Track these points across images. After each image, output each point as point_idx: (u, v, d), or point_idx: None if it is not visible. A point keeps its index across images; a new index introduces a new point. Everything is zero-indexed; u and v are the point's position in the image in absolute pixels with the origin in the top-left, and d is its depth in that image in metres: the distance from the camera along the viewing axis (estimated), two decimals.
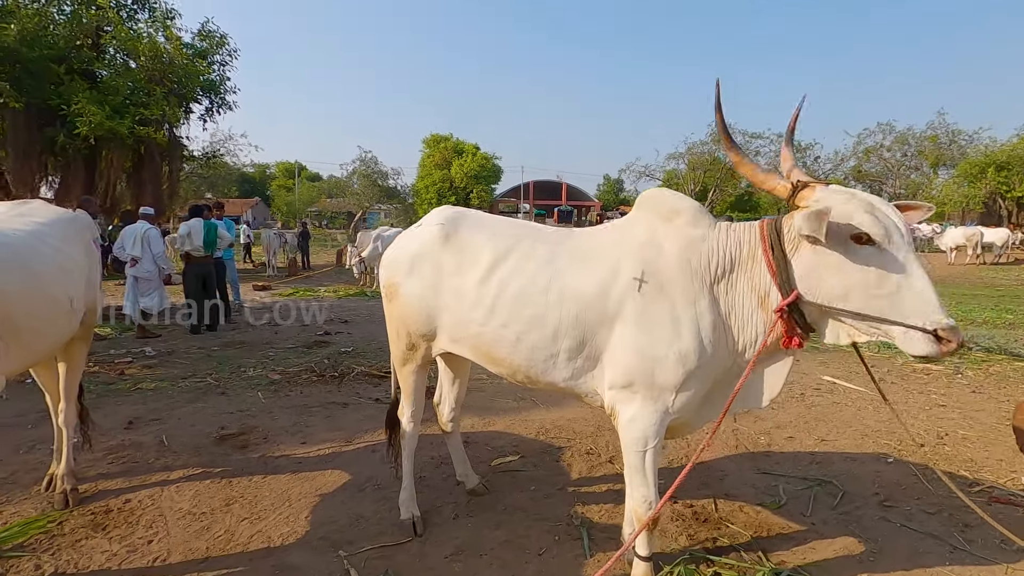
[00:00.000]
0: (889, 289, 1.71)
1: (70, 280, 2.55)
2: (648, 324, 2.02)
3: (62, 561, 2.53)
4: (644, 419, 2.06)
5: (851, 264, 1.76)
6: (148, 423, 4.20)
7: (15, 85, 11.12)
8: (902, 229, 1.73)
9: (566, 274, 2.18)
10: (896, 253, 1.71)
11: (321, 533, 2.77)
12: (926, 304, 1.66)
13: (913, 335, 1.68)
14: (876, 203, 1.78)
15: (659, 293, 2.02)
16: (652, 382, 2.03)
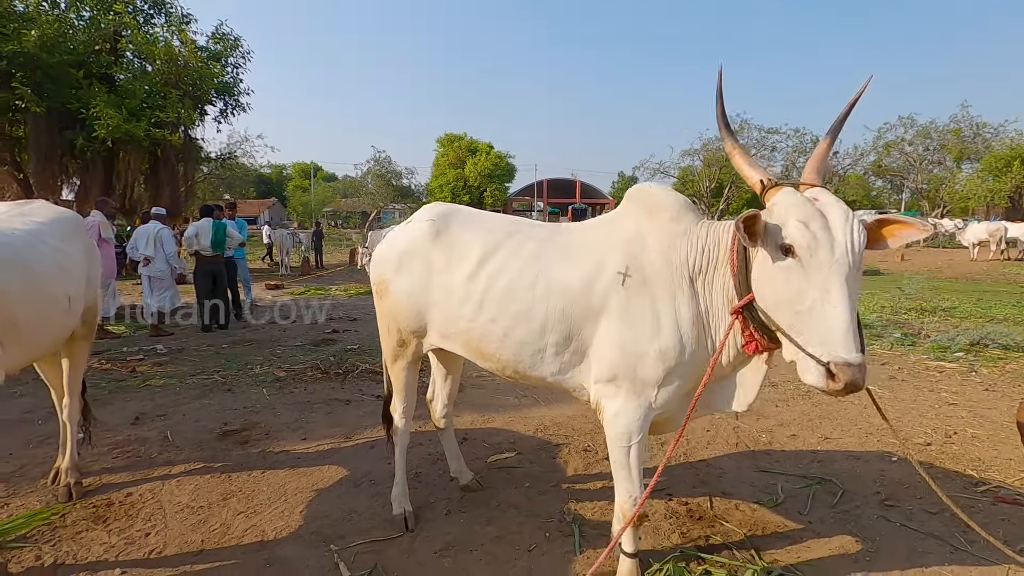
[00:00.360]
0: (802, 308, 1.59)
1: (69, 279, 2.61)
2: (631, 319, 2.01)
3: (62, 552, 2.59)
4: (628, 414, 2.05)
5: (778, 274, 1.65)
6: (154, 419, 4.28)
7: (36, 90, 11.41)
8: (833, 248, 1.56)
9: (553, 269, 2.17)
10: (817, 272, 1.56)
11: (314, 527, 2.79)
12: (830, 333, 1.52)
13: (808, 362, 1.58)
14: (821, 214, 1.60)
15: (642, 288, 2.00)
16: (635, 376, 2.02)
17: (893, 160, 40.93)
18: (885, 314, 8.93)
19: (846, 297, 1.52)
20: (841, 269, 1.54)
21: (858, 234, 1.59)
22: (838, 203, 1.63)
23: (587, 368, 2.15)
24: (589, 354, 2.12)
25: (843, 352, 1.50)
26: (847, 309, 1.52)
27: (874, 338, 6.99)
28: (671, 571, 2.38)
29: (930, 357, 5.97)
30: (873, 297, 10.98)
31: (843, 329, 1.50)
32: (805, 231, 1.57)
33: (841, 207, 1.62)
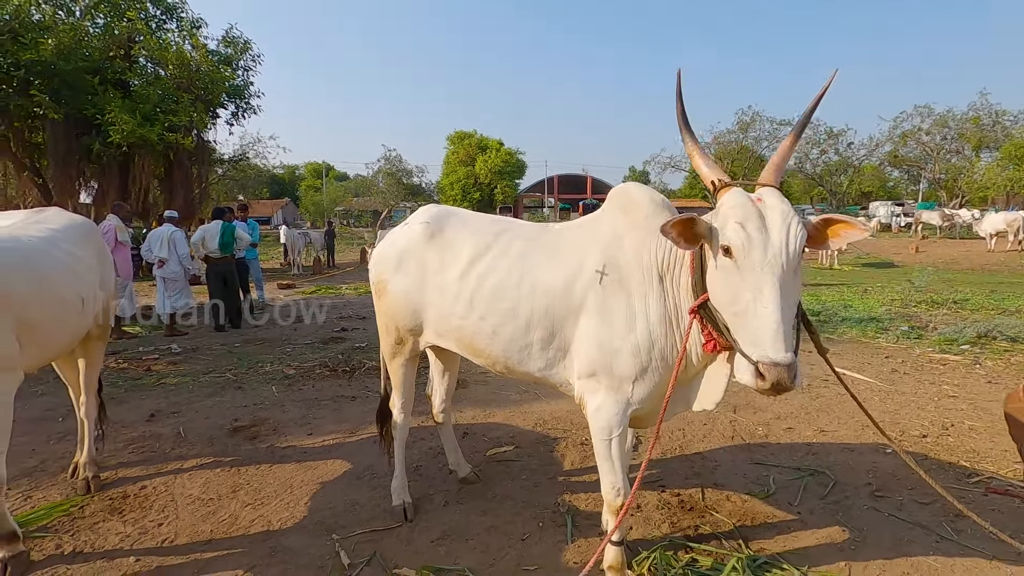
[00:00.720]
0: (738, 308, 1.61)
1: (81, 282, 2.75)
2: (607, 316, 2.07)
3: (80, 541, 2.73)
4: (607, 409, 2.12)
5: (719, 275, 1.69)
6: (168, 416, 4.44)
7: (54, 97, 11.71)
8: (767, 249, 1.56)
9: (538, 268, 2.25)
10: (750, 272, 1.57)
11: (318, 518, 2.91)
12: (760, 333, 1.54)
13: (741, 361, 1.61)
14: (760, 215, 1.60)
15: (618, 286, 2.06)
16: (612, 372, 2.08)
17: (910, 150, 40.19)
18: (895, 307, 8.87)
19: (777, 298, 1.53)
20: (774, 270, 1.55)
21: (795, 236, 1.58)
22: (780, 204, 1.62)
23: (571, 364, 2.22)
24: (571, 350, 2.20)
25: (771, 352, 1.51)
26: (777, 309, 1.52)
27: (880, 331, 6.96)
28: (658, 559, 2.47)
29: (935, 350, 5.95)
30: (883, 290, 10.89)
31: (772, 329, 1.51)
32: (741, 231, 1.58)
33: (781, 208, 1.61)
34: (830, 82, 1.79)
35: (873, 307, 8.83)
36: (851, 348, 6.26)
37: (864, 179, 45.64)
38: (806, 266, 17.09)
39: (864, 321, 7.52)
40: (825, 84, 1.78)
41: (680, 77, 1.85)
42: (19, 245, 2.48)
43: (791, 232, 1.57)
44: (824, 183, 43.69)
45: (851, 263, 17.47)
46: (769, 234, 1.57)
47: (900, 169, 44.14)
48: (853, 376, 5.13)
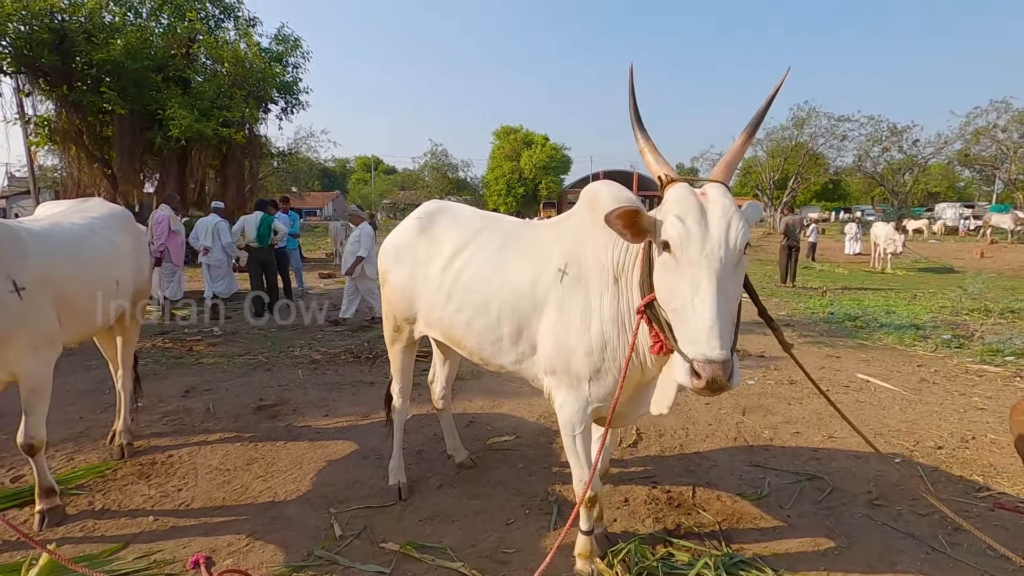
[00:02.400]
0: (676, 305, 1.58)
1: (116, 266, 3.03)
2: (565, 314, 2.10)
3: (109, 500, 3.03)
4: (569, 406, 2.16)
5: (659, 270, 1.67)
6: (201, 393, 4.78)
7: (121, 94, 12.56)
8: (705, 243, 1.53)
9: (509, 264, 2.33)
10: (688, 267, 1.55)
11: (320, 492, 3.11)
12: (696, 330, 1.50)
13: (677, 359, 1.57)
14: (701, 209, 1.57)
15: (577, 284, 2.09)
16: (569, 371, 2.11)
17: (983, 148, 37.50)
18: (943, 314, 8.45)
19: (714, 293, 1.50)
20: (711, 264, 1.52)
21: (736, 231, 1.54)
22: (723, 199, 1.59)
23: (539, 359, 2.28)
24: (538, 346, 2.26)
25: (705, 349, 1.47)
26: (714, 306, 1.49)
27: (919, 339, 6.66)
28: (634, 551, 2.52)
29: (975, 360, 5.66)
30: (934, 296, 10.36)
31: (708, 326, 1.48)
32: (680, 225, 1.55)
33: (722, 203, 1.58)
34: (782, 81, 1.77)
35: (918, 314, 8.44)
36: (883, 355, 6.03)
37: (931, 179, 42.99)
38: (856, 269, 16.36)
39: (904, 328, 7.20)
40: (778, 83, 1.77)
41: (632, 73, 1.83)
42: (61, 232, 2.77)
43: (731, 227, 1.55)
44: (886, 182, 41.44)
45: (906, 267, 16.62)
46: (708, 228, 1.55)
47: (972, 169, 41.31)
48: (877, 383, 4.96)
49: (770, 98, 1.77)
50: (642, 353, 1.97)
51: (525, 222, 2.64)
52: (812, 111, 36.92)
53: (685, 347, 1.55)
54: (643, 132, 1.83)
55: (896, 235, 15.94)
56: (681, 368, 1.55)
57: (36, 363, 2.50)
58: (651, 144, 1.81)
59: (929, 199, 48.12)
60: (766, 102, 1.77)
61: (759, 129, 1.80)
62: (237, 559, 2.52)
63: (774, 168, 40.05)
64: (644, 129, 1.84)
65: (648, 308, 1.78)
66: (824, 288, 11.65)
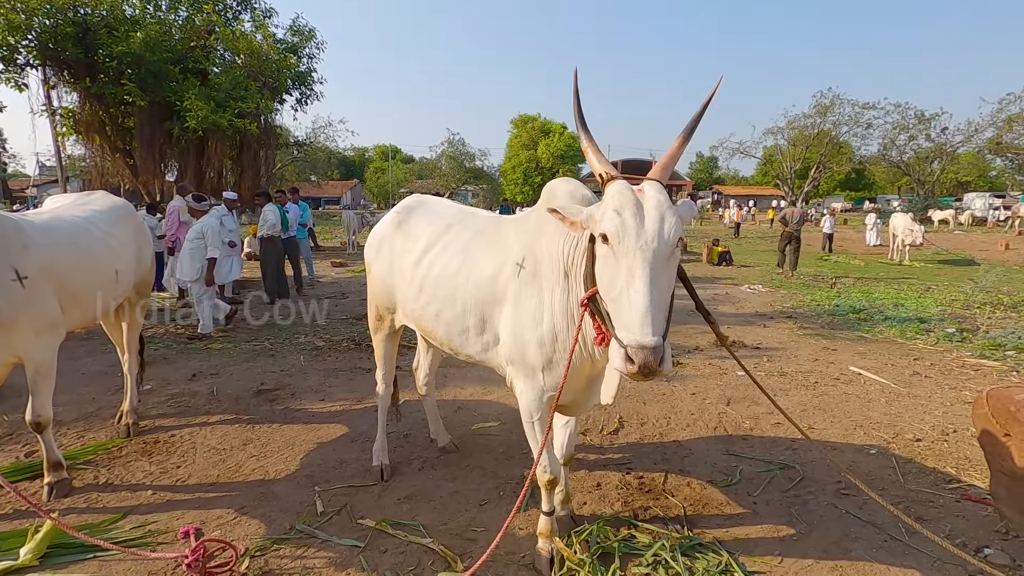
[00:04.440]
0: (614, 294, 1.65)
1: (116, 257, 3.22)
2: (521, 308, 2.19)
3: (113, 475, 3.24)
4: (526, 394, 2.26)
5: (600, 262, 1.74)
6: (207, 376, 5.01)
7: (141, 85, 12.87)
8: (639, 235, 1.61)
9: (474, 258, 2.43)
10: (624, 258, 1.62)
11: (307, 472, 3.29)
12: (630, 317, 1.57)
13: (614, 346, 1.63)
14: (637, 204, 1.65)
15: (532, 279, 2.18)
16: (524, 362, 2.21)
17: (1017, 136, 36.17)
18: (954, 307, 8.32)
19: (647, 282, 1.57)
20: (645, 255, 1.59)
21: (669, 225, 1.63)
22: (658, 195, 1.68)
23: (501, 350, 2.37)
24: (499, 337, 2.36)
25: (638, 335, 1.54)
26: (647, 294, 1.56)
27: (922, 332, 6.60)
28: (596, 532, 2.63)
29: (974, 354, 5.61)
30: (948, 288, 10.17)
31: (641, 312, 1.55)
32: (617, 219, 1.63)
33: (657, 199, 1.67)
34: (716, 89, 1.84)
35: (928, 307, 8.32)
36: (881, 348, 6.00)
37: (960, 168, 41.74)
38: (873, 261, 16.07)
39: (907, 321, 7.13)
40: (711, 91, 1.83)
41: (576, 75, 1.89)
42: (63, 224, 2.96)
43: (665, 221, 1.63)
44: (912, 171, 40.33)
45: (926, 259, 16.26)
46: (644, 222, 1.63)
47: (1004, 158, 39.92)
48: (868, 376, 4.96)
49: (704, 105, 1.84)
50: (588, 344, 2.05)
51: (495, 217, 2.74)
52: (836, 98, 36.00)
53: (621, 334, 1.61)
54: (587, 132, 1.91)
55: (915, 226, 15.61)
56: (616, 354, 1.61)
57: (39, 347, 2.70)
58: (594, 144, 1.89)
59: (958, 188, 46.76)
60: (701, 108, 1.84)
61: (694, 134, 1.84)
62: (224, 531, 2.70)
63: (796, 157, 39.24)
64: (588, 129, 1.91)
65: (591, 301, 1.84)
66: (834, 280, 11.51)
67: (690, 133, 1.83)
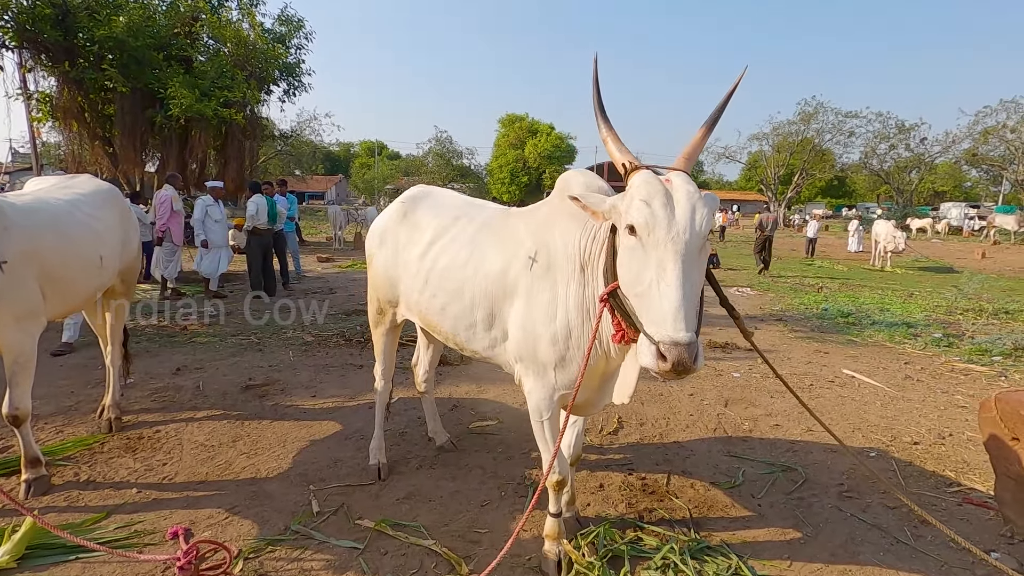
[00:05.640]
0: (642, 288, 1.58)
1: (100, 242, 3.06)
2: (533, 302, 2.12)
3: (95, 472, 3.09)
4: (536, 392, 2.18)
5: (625, 255, 1.66)
6: (192, 371, 4.84)
7: (123, 71, 12.53)
8: (671, 226, 1.54)
9: (483, 251, 2.34)
10: (654, 250, 1.55)
11: (301, 470, 3.17)
12: (662, 313, 1.50)
13: (643, 342, 1.55)
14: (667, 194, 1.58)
15: (545, 272, 2.10)
16: (536, 358, 2.13)
17: (992, 148, 37.16)
18: (938, 313, 8.45)
19: (679, 275, 1.51)
20: (677, 248, 1.52)
21: (701, 215, 1.56)
22: (687, 185, 1.60)
23: (509, 346, 2.29)
24: (509, 333, 2.28)
25: (671, 331, 1.47)
26: (679, 287, 1.50)
27: (909, 337, 6.68)
28: (603, 534, 2.57)
29: (962, 359, 5.68)
30: (931, 295, 10.35)
31: (674, 307, 1.48)
32: (645, 208, 1.56)
33: (687, 189, 1.59)
34: (740, 78, 1.78)
35: (912, 312, 8.45)
36: (871, 352, 6.05)
37: (938, 178, 42.72)
38: (856, 266, 16.32)
39: (895, 325, 7.22)
40: (736, 80, 1.78)
41: (596, 63, 1.82)
42: (45, 207, 2.81)
43: (696, 211, 1.56)
44: (891, 180, 41.20)
45: (906, 266, 16.57)
46: (674, 212, 1.56)
47: (979, 169, 41.02)
48: (862, 379, 4.99)
49: (729, 94, 1.79)
50: (605, 342, 1.97)
51: (503, 209, 2.66)
52: (819, 106, 36.67)
53: (651, 329, 1.54)
54: (606, 121, 1.83)
55: (897, 233, 15.89)
56: (647, 351, 1.53)
57: (20, 335, 2.55)
58: (614, 133, 1.82)
59: (935, 198, 47.84)
60: (725, 98, 1.79)
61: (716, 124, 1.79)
62: (215, 531, 2.58)
63: (779, 163, 39.84)
64: (607, 118, 1.84)
65: (611, 296, 1.77)
66: (821, 284, 11.64)
67: (713, 123, 1.78)
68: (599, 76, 1.82)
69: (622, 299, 1.72)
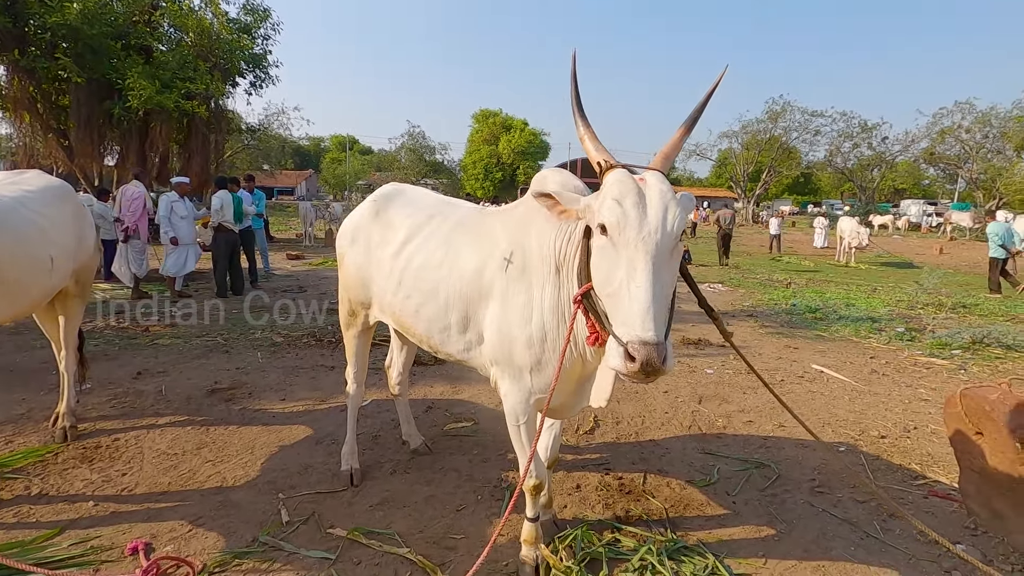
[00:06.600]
0: (612, 289, 1.55)
1: (51, 242, 2.89)
2: (508, 304, 2.07)
3: (48, 484, 2.93)
4: (512, 396, 2.14)
5: (596, 255, 1.63)
6: (155, 375, 4.65)
7: (78, 61, 11.98)
8: (642, 226, 1.51)
9: (458, 251, 2.29)
10: (624, 250, 1.52)
11: (269, 478, 3.06)
12: (631, 314, 1.47)
13: (612, 344, 1.52)
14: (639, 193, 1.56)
15: (521, 274, 2.06)
16: (511, 361, 2.09)
17: (948, 148, 38.66)
18: (900, 308, 8.72)
19: (649, 276, 1.48)
20: (648, 248, 1.50)
21: (673, 216, 1.54)
22: (660, 184, 1.58)
23: (485, 349, 2.24)
24: (484, 335, 2.23)
25: (640, 331, 1.44)
26: (649, 288, 1.47)
27: (874, 331, 6.87)
28: (580, 537, 2.55)
29: (924, 353, 5.86)
30: (893, 290, 10.68)
31: (643, 308, 1.45)
32: (617, 208, 1.53)
33: (660, 188, 1.57)
34: (720, 79, 1.77)
35: (876, 307, 8.69)
36: (839, 347, 6.20)
37: (898, 176, 44.23)
38: (822, 262, 16.77)
39: (861, 320, 7.41)
40: (715, 80, 1.77)
41: (575, 60, 1.78)
42: None
43: (669, 211, 1.54)
44: (855, 178, 42.47)
45: (869, 261, 17.11)
46: (646, 212, 1.53)
47: (936, 167, 42.60)
48: (830, 374, 5.10)
49: (708, 95, 1.78)
50: (580, 344, 1.94)
51: (478, 208, 2.60)
52: (787, 105, 37.51)
53: (619, 330, 1.50)
54: (584, 119, 1.79)
55: (861, 229, 16.38)
56: (615, 352, 1.50)
57: None
58: (591, 131, 1.78)
59: (895, 195, 49.50)
60: (704, 99, 1.77)
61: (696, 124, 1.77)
62: (178, 545, 2.46)
63: (748, 160, 40.65)
64: (585, 116, 1.80)
65: (585, 298, 1.74)
66: (789, 280, 11.91)
67: (692, 124, 1.75)
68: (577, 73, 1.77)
69: (595, 300, 1.69)
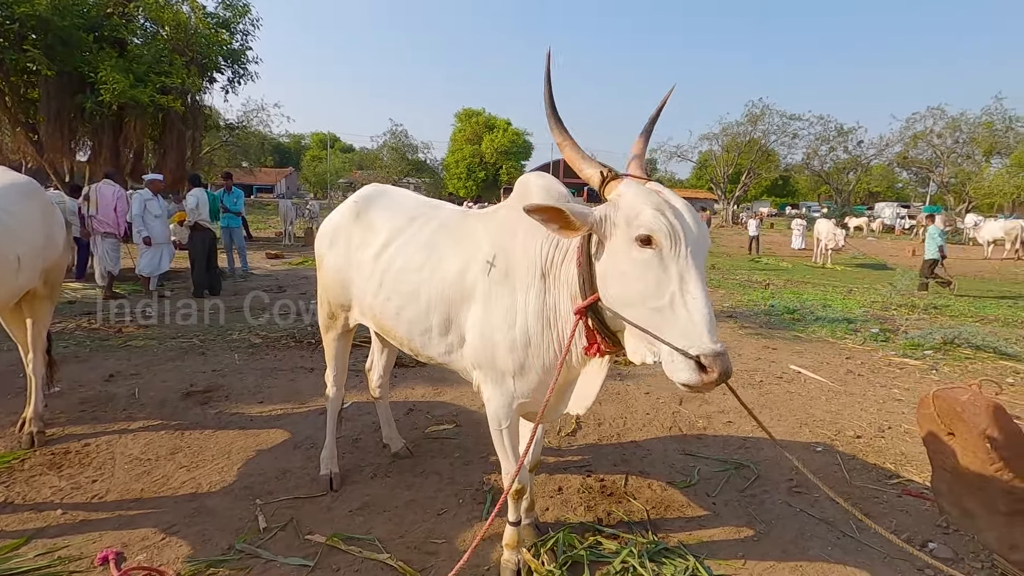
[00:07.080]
0: (662, 302, 1.50)
1: (16, 240, 2.79)
2: (490, 308, 2.05)
3: (13, 492, 2.83)
4: (494, 400, 2.13)
5: (634, 269, 1.56)
6: (127, 377, 4.53)
7: (48, 53, 11.63)
8: (689, 238, 1.52)
9: (440, 253, 2.27)
10: (675, 262, 1.50)
11: (246, 483, 3.00)
12: (694, 325, 1.45)
13: (677, 358, 1.48)
14: (672, 204, 1.57)
15: (504, 278, 2.04)
16: (494, 366, 2.07)
17: (920, 152, 39.76)
18: (875, 309, 8.91)
19: (704, 285, 1.50)
20: (699, 257, 1.52)
21: (704, 225, 1.59)
22: (676, 194, 1.61)
23: (467, 352, 2.22)
24: (466, 339, 2.21)
25: (708, 342, 1.42)
26: (706, 297, 1.48)
27: (850, 332, 7.00)
28: (562, 540, 2.54)
29: (898, 353, 5.99)
30: (867, 291, 10.91)
31: (705, 319, 1.44)
32: (661, 218, 1.51)
33: (682, 199, 1.59)
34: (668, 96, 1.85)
35: (852, 308, 8.86)
36: (816, 347, 6.30)
37: (872, 179, 45.29)
38: (799, 263, 17.06)
39: (837, 321, 7.54)
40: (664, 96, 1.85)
41: (550, 58, 1.74)
42: None
43: (700, 221, 1.58)
44: (831, 180, 43.36)
45: (845, 263, 17.46)
46: (687, 222, 1.55)
47: (909, 171, 43.75)
48: (808, 375, 5.18)
49: (659, 108, 1.87)
50: (573, 354, 1.92)
51: (461, 211, 2.58)
52: (766, 108, 38.11)
53: (682, 343, 1.47)
54: (560, 125, 1.76)
55: (837, 231, 16.72)
56: (684, 367, 1.46)
57: None
58: (571, 139, 1.76)
59: (870, 198, 50.68)
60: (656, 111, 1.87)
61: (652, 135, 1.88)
62: (151, 554, 2.40)
63: (728, 162, 41.20)
64: (561, 121, 1.76)
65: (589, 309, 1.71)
66: (767, 281, 12.09)
67: (649, 133, 1.86)
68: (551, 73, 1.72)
69: (602, 312, 1.68)
